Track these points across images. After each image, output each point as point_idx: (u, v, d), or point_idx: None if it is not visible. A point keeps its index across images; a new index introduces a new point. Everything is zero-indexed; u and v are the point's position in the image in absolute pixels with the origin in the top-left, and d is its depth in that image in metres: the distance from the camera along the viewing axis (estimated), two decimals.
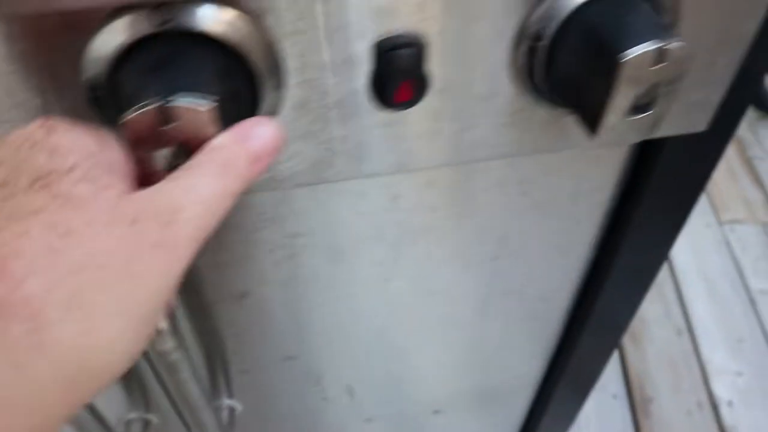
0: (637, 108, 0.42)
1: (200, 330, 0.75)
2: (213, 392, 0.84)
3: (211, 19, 0.38)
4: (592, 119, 0.43)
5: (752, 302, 2.16)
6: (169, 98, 0.34)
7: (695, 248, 2.33)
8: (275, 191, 0.56)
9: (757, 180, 2.59)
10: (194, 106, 0.34)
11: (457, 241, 0.72)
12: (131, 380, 0.81)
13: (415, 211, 0.66)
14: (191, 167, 0.34)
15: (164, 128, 0.35)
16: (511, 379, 1.08)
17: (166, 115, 0.34)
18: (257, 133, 0.36)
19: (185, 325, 0.72)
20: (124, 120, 0.34)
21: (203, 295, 0.70)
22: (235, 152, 0.35)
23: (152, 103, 0.34)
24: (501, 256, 0.76)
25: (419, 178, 0.62)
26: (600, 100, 0.42)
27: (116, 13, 0.37)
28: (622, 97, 0.41)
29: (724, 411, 1.91)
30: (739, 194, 2.54)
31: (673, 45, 0.40)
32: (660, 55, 0.40)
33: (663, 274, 2.24)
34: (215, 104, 0.35)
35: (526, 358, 1.03)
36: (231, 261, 0.66)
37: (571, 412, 1.20)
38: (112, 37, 0.37)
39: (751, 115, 2.87)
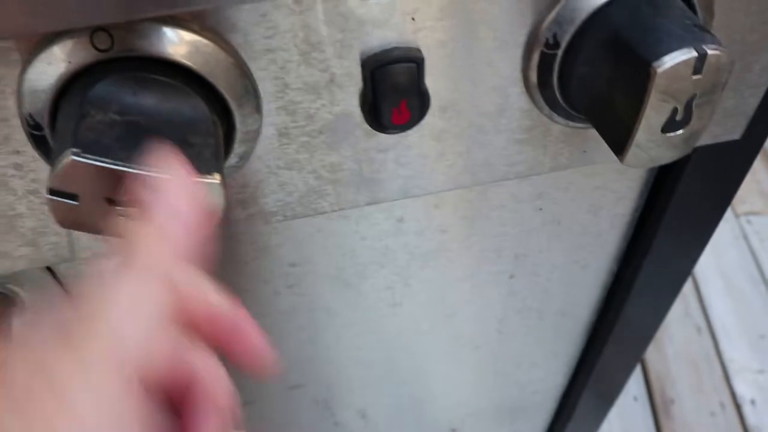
0: (671, 123, 0.37)
1: None
2: None
3: (165, 42, 0.32)
4: (619, 139, 0.38)
5: None
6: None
7: (712, 242, 2.26)
8: None
9: None
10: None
11: (470, 262, 0.67)
12: None
13: (423, 234, 0.60)
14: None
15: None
16: (531, 395, 1.04)
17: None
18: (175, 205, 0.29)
19: None
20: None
21: None
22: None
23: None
24: (517, 274, 0.71)
25: (426, 199, 0.57)
26: (628, 116, 0.36)
27: (50, 38, 0.31)
28: (654, 113, 0.35)
29: (747, 410, 1.86)
30: (754, 185, 2.48)
31: (715, 50, 0.34)
32: (699, 63, 0.34)
33: None
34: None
35: (548, 374, 0.99)
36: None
37: (595, 423, 1.17)
38: (48, 67, 0.32)
39: None
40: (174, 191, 0.29)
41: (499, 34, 0.39)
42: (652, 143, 0.37)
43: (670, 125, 0.37)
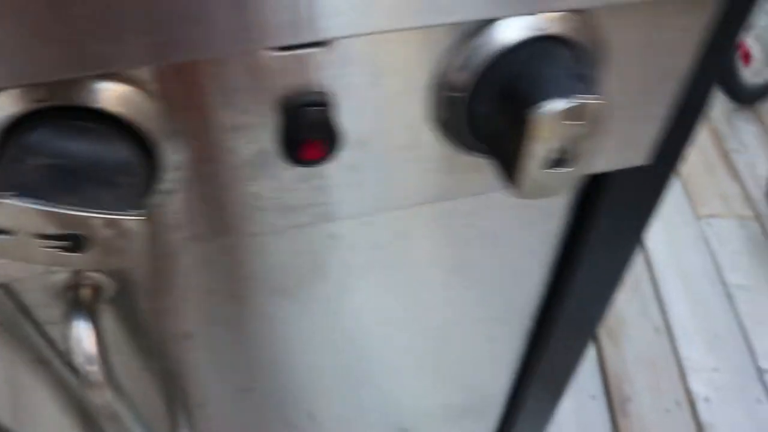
0: (553, 162, 0.41)
1: (151, 368, 0.73)
2: (172, 427, 0.82)
3: (98, 93, 0.36)
4: (511, 174, 0.42)
5: (729, 297, 2.15)
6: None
7: (673, 244, 2.32)
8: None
9: (734, 173, 2.58)
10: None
11: (405, 274, 0.70)
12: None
13: (357, 249, 0.64)
14: None
15: None
16: (479, 395, 1.06)
17: None
18: None
19: (135, 365, 0.70)
20: None
21: (148, 337, 0.68)
22: None
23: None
24: (452, 285, 0.74)
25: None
26: (516, 155, 0.40)
27: None
28: (534, 153, 0.39)
29: (702, 407, 1.90)
30: (716, 188, 2.53)
31: (588, 101, 0.38)
32: (573, 111, 0.38)
33: (640, 270, 2.23)
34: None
35: (493, 375, 1.01)
36: (169, 305, 0.64)
37: (545, 416, 1.19)
38: None
39: (727, 106, 2.86)
40: None
41: (404, 80, 0.43)
42: (539, 178, 0.41)
43: (552, 163, 0.41)
